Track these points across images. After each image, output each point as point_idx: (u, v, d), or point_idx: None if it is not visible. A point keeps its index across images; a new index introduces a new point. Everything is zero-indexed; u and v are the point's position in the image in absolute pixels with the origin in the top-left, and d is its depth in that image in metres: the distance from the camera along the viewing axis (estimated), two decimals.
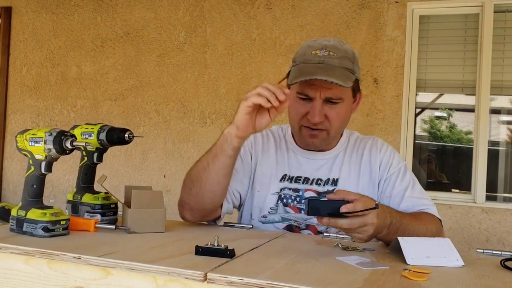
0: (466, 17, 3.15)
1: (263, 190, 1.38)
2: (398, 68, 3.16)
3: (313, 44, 1.31)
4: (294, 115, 1.33)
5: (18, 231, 1.05)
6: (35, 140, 1.06)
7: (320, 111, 1.27)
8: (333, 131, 1.33)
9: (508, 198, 3.16)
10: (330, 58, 1.25)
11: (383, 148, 1.41)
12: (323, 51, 1.27)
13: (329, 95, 1.27)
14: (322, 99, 1.27)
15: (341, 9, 3.29)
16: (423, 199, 1.33)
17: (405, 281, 0.82)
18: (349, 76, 1.26)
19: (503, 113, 3.26)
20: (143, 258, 0.86)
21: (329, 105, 1.28)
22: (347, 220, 0.99)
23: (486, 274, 0.90)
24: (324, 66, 1.24)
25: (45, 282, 0.90)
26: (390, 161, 1.38)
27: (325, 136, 1.33)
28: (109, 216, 1.21)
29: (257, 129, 1.18)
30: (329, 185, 1.35)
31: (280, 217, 1.35)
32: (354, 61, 1.29)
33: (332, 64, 1.25)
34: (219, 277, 0.78)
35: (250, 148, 1.43)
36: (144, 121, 3.74)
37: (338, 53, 1.27)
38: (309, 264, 0.89)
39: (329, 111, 1.28)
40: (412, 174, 1.40)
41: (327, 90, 1.26)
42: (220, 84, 3.54)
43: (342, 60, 1.26)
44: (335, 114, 1.29)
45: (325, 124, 1.30)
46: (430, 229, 1.23)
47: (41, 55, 4.04)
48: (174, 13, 3.69)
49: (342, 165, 1.38)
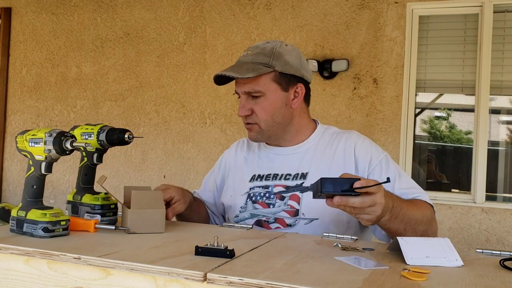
0: (466, 17, 3.16)
1: (234, 194, 1.45)
2: (397, 68, 3.16)
3: None
4: (238, 114, 1.43)
5: (18, 231, 1.05)
6: (35, 141, 1.06)
7: (244, 105, 1.37)
8: (264, 124, 1.37)
9: (507, 198, 3.16)
10: (245, 57, 1.37)
11: (359, 142, 1.40)
12: (245, 52, 1.39)
13: (246, 89, 1.35)
14: (243, 93, 1.37)
15: (340, 9, 3.29)
16: (413, 188, 1.34)
17: (404, 281, 0.82)
18: (257, 69, 1.32)
19: (502, 113, 3.27)
20: (143, 258, 0.86)
21: (254, 100, 1.36)
22: (358, 198, 1.00)
23: (485, 274, 0.90)
24: (235, 65, 1.36)
25: (45, 283, 0.90)
26: (369, 155, 1.36)
27: (258, 129, 1.38)
28: (109, 216, 1.21)
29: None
30: (298, 179, 1.37)
31: (249, 214, 1.39)
32: (272, 56, 1.34)
33: (243, 61, 1.35)
34: (219, 277, 0.78)
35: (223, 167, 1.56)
36: (144, 121, 3.74)
37: (254, 51, 1.36)
38: (308, 264, 0.89)
39: (254, 105, 1.36)
40: (395, 164, 1.39)
41: (244, 85, 1.35)
42: None
43: (256, 56, 1.35)
44: (259, 108, 1.35)
45: (253, 118, 1.37)
46: (426, 215, 1.25)
47: (41, 56, 4.05)
48: (174, 13, 3.70)
49: (312, 159, 1.39)
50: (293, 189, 1.36)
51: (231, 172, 1.52)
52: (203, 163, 3.54)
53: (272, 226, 1.35)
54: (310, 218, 1.33)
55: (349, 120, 3.22)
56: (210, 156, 3.53)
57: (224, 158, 1.58)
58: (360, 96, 3.22)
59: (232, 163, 1.54)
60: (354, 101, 3.23)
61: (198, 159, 3.59)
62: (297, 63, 1.37)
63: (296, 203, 1.34)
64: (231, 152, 1.57)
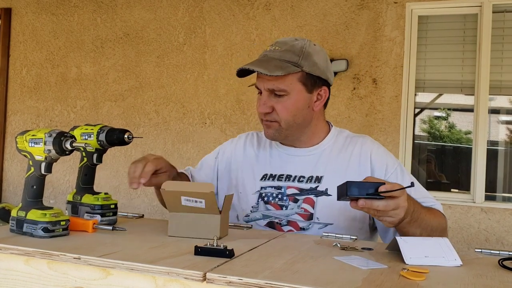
0: (465, 17, 3.16)
1: (244, 191, 1.42)
2: (397, 68, 3.17)
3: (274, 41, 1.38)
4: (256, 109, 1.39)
5: (18, 231, 1.05)
6: (35, 141, 1.07)
7: (265, 102, 1.33)
8: (284, 123, 1.33)
9: (507, 198, 3.16)
10: (273, 52, 1.31)
11: (375, 148, 1.39)
12: (272, 46, 1.34)
13: (270, 87, 1.31)
14: (266, 90, 1.32)
15: (340, 9, 3.29)
16: (427, 197, 1.34)
17: (403, 280, 0.82)
18: (285, 67, 1.28)
19: (502, 113, 3.27)
20: (142, 258, 0.86)
21: (276, 98, 1.32)
22: (382, 201, 1.02)
23: (484, 273, 0.90)
24: (263, 59, 1.31)
25: (45, 283, 0.91)
26: (385, 162, 1.36)
27: (277, 127, 1.34)
28: (108, 216, 1.21)
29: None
30: (312, 182, 1.35)
31: (261, 214, 1.37)
32: (302, 55, 1.30)
33: (271, 57, 1.30)
34: (218, 277, 0.78)
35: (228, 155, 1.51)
36: (144, 121, 3.74)
37: (283, 47, 1.31)
38: (307, 264, 0.89)
39: (276, 103, 1.32)
40: (409, 173, 1.40)
41: (268, 82, 1.31)
42: (219, 84, 3.55)
43: (284, 53, 1.30)
44: (281, 107, 1.32)
45: (273, 115, 1.33)
46: (441, 223, 1.26)
47: (41, 56, 4.05)
48: (174, 14, 3.70)
49: (327, 163, 1.37)
50: (307, 192, 1.34)
51: (239, 166, 1.47)
52: None
53: (284, 229, 1.33)
54: (324, 223, 1.31)
55: (349, 120, 3.22)
56: None
57: (231, 147, 1.52)
58: (360, 96, 3.23)
59: (241, 155, 1.48)
60: (353, 101, 3.23)
61: (198, 159, 3.55)
62: (324, 65, 1.35)
63: (311, 206, 1.32)
64: (239, 143, 1.51)
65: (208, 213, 1.09)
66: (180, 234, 1.09)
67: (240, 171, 1.46)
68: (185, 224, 1.10)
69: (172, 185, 1.10)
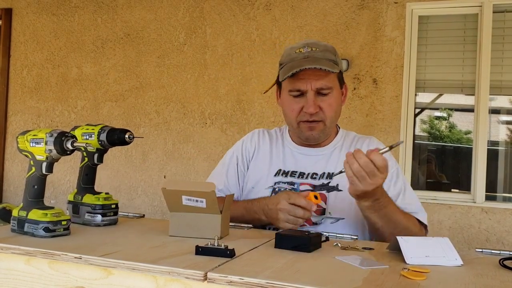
0: (465, 17, 3.16)
1: (257, 186, 1.44)
2: (397, 68, 3.17)
3: (295, 46, 1.41)
4: (290, 113, 1.40)
5: (19, 231, 1.05)
6: (36, 141, 1.07)
7: (315, 102, 1.35)
8: (329, 122, 1.39)
9: (507, 198, 3.16)
10: (314, 52, 1.35)
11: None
12: (306, 48, 1.37)
13: (319, 86, 1.34)
14: (314, 90, 1.35)
15: (340, 9, 3.30)
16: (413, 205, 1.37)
17: (404, 280, 0.82)
18: (333, 65, 1.34)
19: (502, 113, 3.27)
20: (143, 258, 0.87)
21: (321, 97, 1.36)
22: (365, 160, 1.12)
23: (484, 273, 0.90)
24: (310, 59, 1.34)
25: (46, 282, 0.91)
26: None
27: (322, 127, 1.39)
28: (109, 216, 1.21)
29: None
30: (324, 178, 1.39)
31: None
32: (336, 54, 1.39)
33: (317, 57, 1.34)
34: (219, 276, 0.78)
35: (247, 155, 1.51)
36: (145, 122, 3.74)
37: (319, 47, 1.37)
38: (308, 264, 0.89)
39: (321, 102, 1.36)
40: (404, 178, 1.44)
41: (316, 81, 1.34)
42: (220, 84, 3.55)
43: (325, 53, 1.36)
44: (328, 105, 1.36)
45: (320, 115, 1.37)
46: (410, 228, 1.28)
47: (41, 57, 4.05)
48: (174, 14, 3.70)
49: (338, 162, 1.41)
50: (319, 188, 1.38)
51: (253, 161, 1.49)
52: (203, 164, 3.55)
53: None
54: (336, 218, 1.35)
55: (349, 120, 3.22)
56: (211, 156, 3.53)
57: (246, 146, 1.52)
58: (360, 96, 3.23)
59: (255, 152, 1.50)
60: (353, 101, 3.23)
61: (199, 159, 3.60)
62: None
63: (323, 202, 1.36)
64: (253, 140, 1.53)
65: (209, 212, 1.09)
66: (181, 234, 1.10)
67: (254, 166, 1.48)
68: (186, 223, 1.10)
69: (173, 184, 1.10)
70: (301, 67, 1.30)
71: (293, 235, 1.03)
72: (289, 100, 1.39)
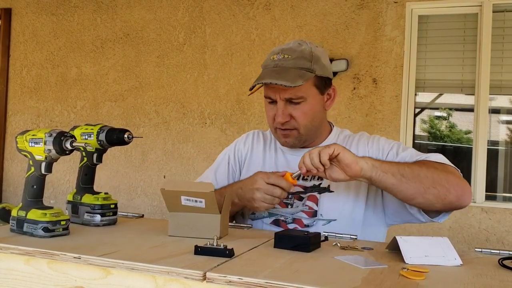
0: (465, 17, 3.16)
1: None
2: (397, 68, 3.16)
3: (274, 50, 1.37)
4: (268, 118, 1.40)
5: (18, 231, 1.05)
6: (35, 141, 1.07)
7: (284, 112, 1.32)
8: (303, 129, 1.35)
9: (507, 197, 3.16)
10: (285, 61, 1.31)
11: (371, 139, 1.43)
12: (279, 55, 1.33)
13: (287, 96, 1.31)
14: (283, 100, 1.32)
15: (340, 9, 3.29)
16: (420, 155, 1.32)
17: (403, 280, 0.82)
18: (303, 75, 1.29)
19: (502, 113, 3.27)
20: (142, 258, 0.87)
21: (293, 105, 1.33)
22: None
23: (484, 273, 0.90)
24: (277, 69, 1.30)
25: (45, 282, 0.91)
26: (380, 147, 1.39)
27: (297, 135, 1.36)
28: (109, 216, 1.21)
29: None
30: (316, 179, 1.38)
31: (267, 212, 1.38)
32: (312, 60, 1.32)
33: (285, 66, 1.30)
34: (218, 276, 0.78)
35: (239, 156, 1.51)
36: (144, 121, 3.74)
37: (293, 54, 1.32)
38: (307, 263, 0.89)
39: (293, 111, 1.33)
40: (410, 148, 1.40)
41: (284, 92, 1.30)
42: (219, 84, 3.55)
43: (297, 61, 1.30)
44: (300, 113, 1.33)
45: (292, 123, 1.34)
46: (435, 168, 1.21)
47: (41, 56, 4.05)
48: (174, 14, 3.70)
49: None
50: (310, 189, 1.37)
51: (246, 164, 1.49)
52: (203, 163, 3.55)
53: (290, 226, 1.35)
54: (328, 219, 1.34)
55: (349, 120, 3.22)
56: (210, 156, 3.53)
57: (239, 147, 1.52)
58: (360, 96, 3.23)
59: (249, 154, 1.50)
60: (353, 101, 3.23)
61: (198, 159, 3.60)
62: (329, 65, 1.38)
63: (314, 204, 1.35)
64: (247, 143, 1.52)
65: (209, 212, 1.09)
66: (180, 234, 1.09)
67: (247, 170, 1.47)
68: (185, 223, 1.10)
69: (172, 185, 1.10)
70: (262, 80, 1.28)
71: (292, 235, 1.03)
72: (266, 106, 1.39)
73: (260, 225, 1.38)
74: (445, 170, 1.24)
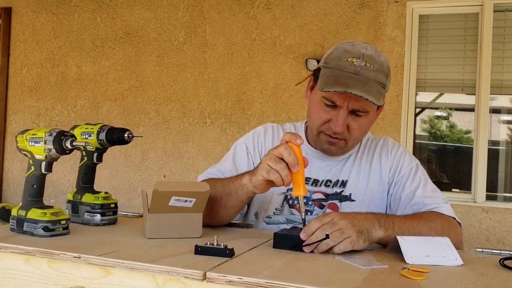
0: (466, 17, 3.16)
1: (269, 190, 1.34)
2: (397, 67, 3.16)
3: (350, 50, 1.24)
4: (316, 119, 1.28)
5: (18, 230, 1.05)
6: (35, 140, 1.06)
7: (344, 121, 1.23)
8: (352, 141, 1.29)
9: (508, 197, 3.16)
10: (367, 70, 1.20)
11: (394, 149, 1.38)
12: (359, 61, 1.21)
13: (356, 107, 1.22)
14: (349, 109, 1.23)
15: (340, 9, 3.29)
16: (435, 197, 1.31)
17: (404, 280, 0.82)
18: (381, 92, 1.22)
19: (503, 113, 3.27)
20: (142, 257, 0.86)
21: (353, 116, 1.24)
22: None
23: (485, 273, 0.90)
24: (360, 78, 1.19)
25: (45, 282, 0.90)
26: (400, 163, 1.35)
27: (343, 145, 1.29)
28: (109, 216, 1.21)
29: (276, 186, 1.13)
30: (338, 186, 1.34)
31: (285, 218, 1.34)
32: (388, 75, 1.26)
33: (367, 77, 1.20)
34: (219, 276, 0.78)
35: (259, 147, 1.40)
36: (144, 121, 3.74)
37: (374, 65, 1.22)
38: (308, 263, 0.89)
39: (352, 122, 1.24)
40: (424, 173, 1.37)
41: (355, 102, 1.21)
42: (219, 84, 3.55)
43: (378, 74, 1.22)
44: (357, 126, 1.25)
45: (345, 134, 1.26)
46: (434, 227, 1.17)
47: (41, 56, 4.05)
48: (174, 13, 3.70)
49: (353, 167, 1.36)
50: (332, 197, 1.32)
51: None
52: (203, 163, 3.55)
53: None
54: None
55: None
56: (210, 155, 3.53)
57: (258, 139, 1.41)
58: None
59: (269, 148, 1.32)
60: None
61: (198, 158, 3.60)
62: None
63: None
64: (267, 136, 1.41)
65: (191, 212, 1.07)
66: (160, 235, 1.05)
67: None
68: (166, 224, 1.06)
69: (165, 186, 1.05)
70: (348, 89, 1.15)
71: (291, 235, 1.03)
72: (319, 106, 1.27)
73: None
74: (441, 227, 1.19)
